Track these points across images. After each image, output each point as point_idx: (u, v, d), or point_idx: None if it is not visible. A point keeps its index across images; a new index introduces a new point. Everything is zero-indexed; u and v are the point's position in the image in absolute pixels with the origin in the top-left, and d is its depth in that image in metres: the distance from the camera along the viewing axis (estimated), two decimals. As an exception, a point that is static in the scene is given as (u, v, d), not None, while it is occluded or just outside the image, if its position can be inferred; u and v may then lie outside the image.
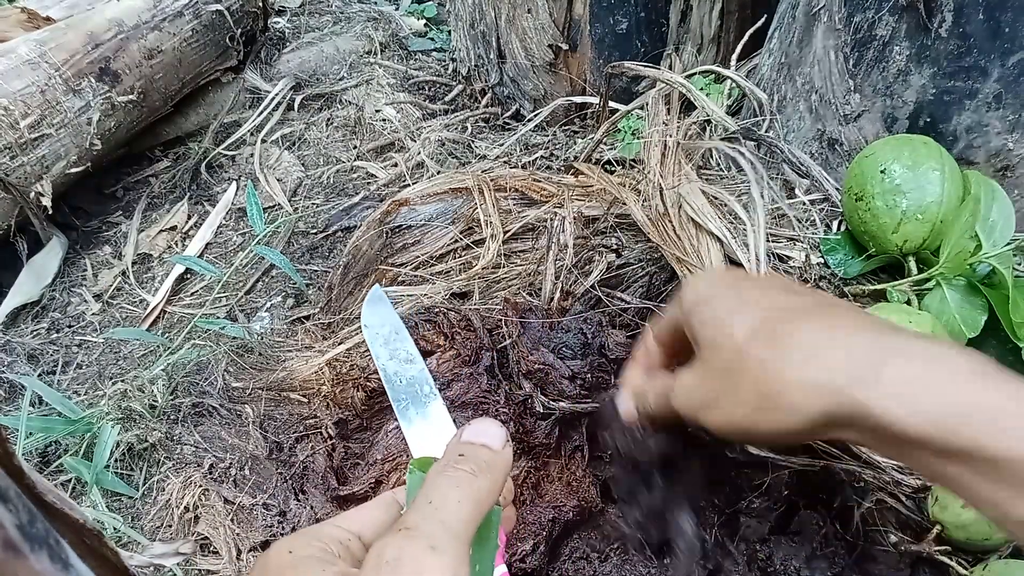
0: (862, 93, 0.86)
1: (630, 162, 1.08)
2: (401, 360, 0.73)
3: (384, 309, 0.80)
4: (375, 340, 0.76)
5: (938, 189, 0.75)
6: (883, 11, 0.80)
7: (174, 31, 1.39)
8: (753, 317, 0.47)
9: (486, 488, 0.36)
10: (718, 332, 0.48)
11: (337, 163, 1.37)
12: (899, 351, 0.40)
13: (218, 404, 0.89)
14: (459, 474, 0.36)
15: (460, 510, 0.34)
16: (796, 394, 0.42)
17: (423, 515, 0.34)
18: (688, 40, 1.23)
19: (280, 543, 0.36)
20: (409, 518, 0.34)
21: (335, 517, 0.40)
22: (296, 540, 0.36)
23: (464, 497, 0.35)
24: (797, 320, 0.45)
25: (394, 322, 0.78)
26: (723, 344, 0.47)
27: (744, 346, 0.46)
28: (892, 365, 0.39)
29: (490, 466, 0.38)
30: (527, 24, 1.26)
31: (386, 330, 0.76)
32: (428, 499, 0.35)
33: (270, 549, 0.36)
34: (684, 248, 0.80)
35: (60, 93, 1.19)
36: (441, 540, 0.32)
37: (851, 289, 0.81)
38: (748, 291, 0.51)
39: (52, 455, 0.92)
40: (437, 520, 0.33)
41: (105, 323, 1.17)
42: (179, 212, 1.35)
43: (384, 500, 0.42)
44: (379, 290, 0.84)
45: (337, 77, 1.56)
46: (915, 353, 0.40)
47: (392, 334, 0.76)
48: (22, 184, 1.14)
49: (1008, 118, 0.78)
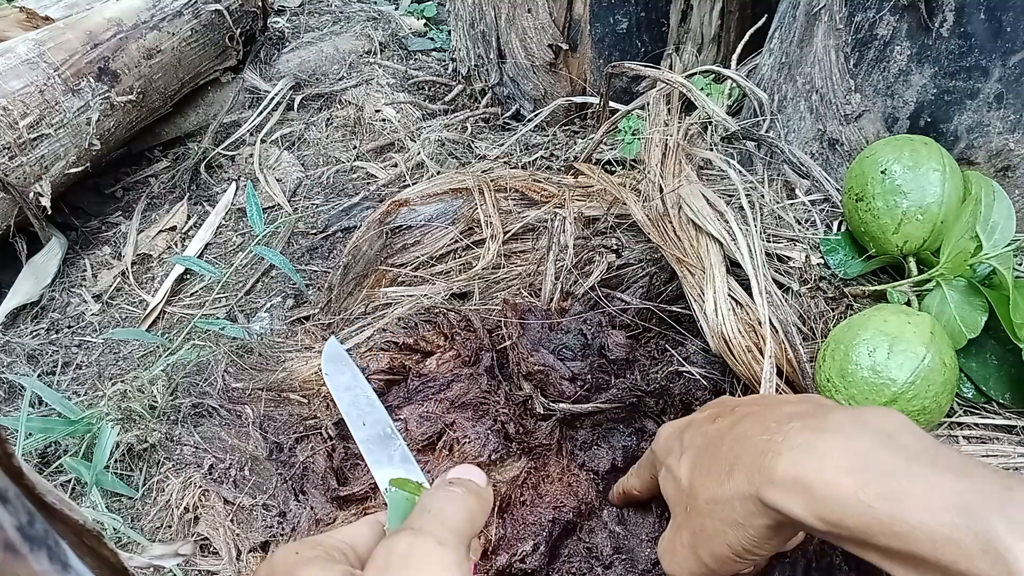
0: (863, 93, 0.86)
1: (630, 162, 1.08)
2: (362, 405, 0.75)
3: (343, 364, 0.81)
4: (336, 388, 0.78)
5: (938, 189, 0.75)
6: (884, 11, 0.80)
7: (173, 31, 1.39)
8: (688, 457, 0.52)
9: (477, 508, 0.39)
10: (667, 481, 0.55)
11: (337, 163, 1.37)
12: (792, 457, 0.42)
13: (218, 405, 0.89)
14: (453, 493, 0.39)
15: (458, 519, 0.37)
16: (736, 504, 0.45)
17: (425, 519, 0.37)
18: (688, 40, 1.22)
19: (285, 547, 0.38)
20: (412, 522, 0.36)
21: (327, 532, 0.42)
22: (300, 544, 0.38)
23: (460, 510, 0.38)
24: (716, 446, 0.50)
25: (353, 372, 0.79)
26: (675, 489, 0.53)
27: (687, 483, 0.50)
28: (784, 461, 0.42)
29: (479, 493, 0.41)
30: (527, 24, 1.26)
31: (345, 378, 0.78)
32: (427, 509, 0.38)
33: (276, 552, 0.38)
34: (684, 249, 0.80)
35: (59, 93, 1.19)
36: (447, 537, 0.34)
37: (851, 290, 0.81)
38: (687, 433, 0.55)
39: (52, 456, 0.92)
40: (439, 522, 0.36)
41: (105, 323, 1.17)
42: (179, 212, 1.35)
43: (369, 521, 0.44)
44: (335, 344, 0.84)
45: (337, 77, 1.56)
46: (798, 457, 0.42)
47: (352, 381, 0.78)
48: (21, 184, 1.14)
49: (1009, 118, 0.78)
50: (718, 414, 0.55)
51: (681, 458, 0.53)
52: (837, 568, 0.64)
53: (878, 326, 0.68)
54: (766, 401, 0.56)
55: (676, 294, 0.86)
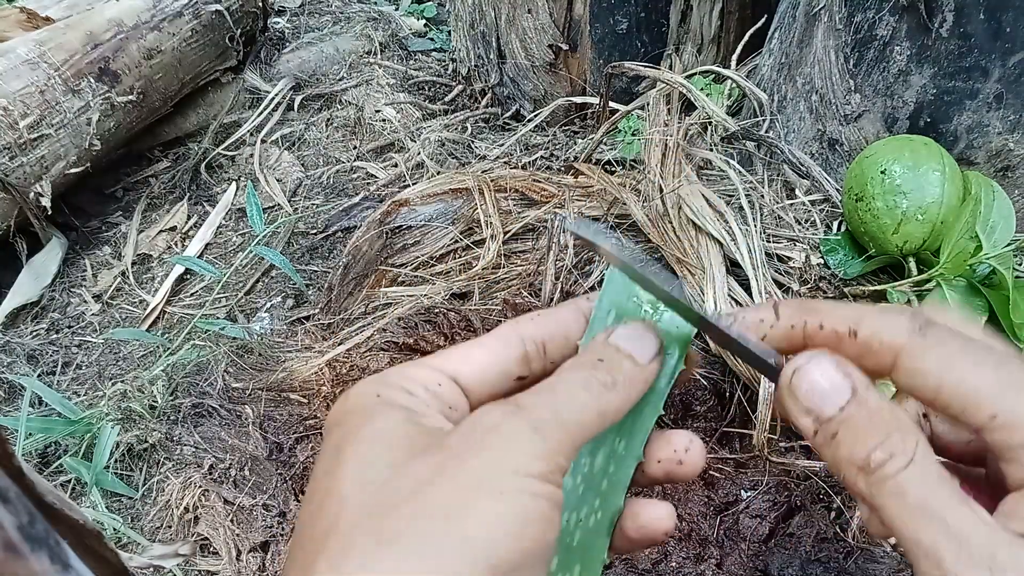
0: (862, 93, 0.86)
1: (630, 162, 1.08)
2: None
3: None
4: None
5: (938, 190, 0.75)
6: (883, 11, 0.80)
7: (174, 31, 1.39)
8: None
9: (616, 404, 0.31)
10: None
11: (337, 163, 1.37)
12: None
13: (218, 405, 0.89)
14: (593, 380, 0.31)
15: (581, 413, 0.29)
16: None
17: (540, 398, 0.29)
18: (688, 40, 1.23)
19: (366, 383, 0.31)
20: (523, 397, 0.29)
21: (433, 355, 0.33)
22: (382, 382, 0.31)
23: (589, 404, 0.30)
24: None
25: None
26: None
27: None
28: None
29: (628, 382, 0.32)
30: (527, 24, 1.26)
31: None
32: (552, 387, 0.30)
33: (357, 386, 0.31)
34: (684, 249, 0.80)
35: (59, 93, 1.19)
36: (548, 426, 0.28)
37: (851, 290, 0.81)
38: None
39: (52, 456, 0.92)
40: (552, 408, 0.29)
41: (105, 323, 1.17)
42: (179, 212, 1.35)
43: (503, 336, 0.33)
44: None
45: (337, 77, 1.56)
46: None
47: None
48: (22, 184, 1.14)
49: (1009, 118, 0.78)
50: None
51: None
52: (835, 560, 0.65)
53: (878, 326, 0.68)
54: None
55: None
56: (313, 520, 0.28)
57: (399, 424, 0.29)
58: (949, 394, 0.29)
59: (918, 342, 0.30)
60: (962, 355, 0.29)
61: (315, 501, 0.29)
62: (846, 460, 0.29)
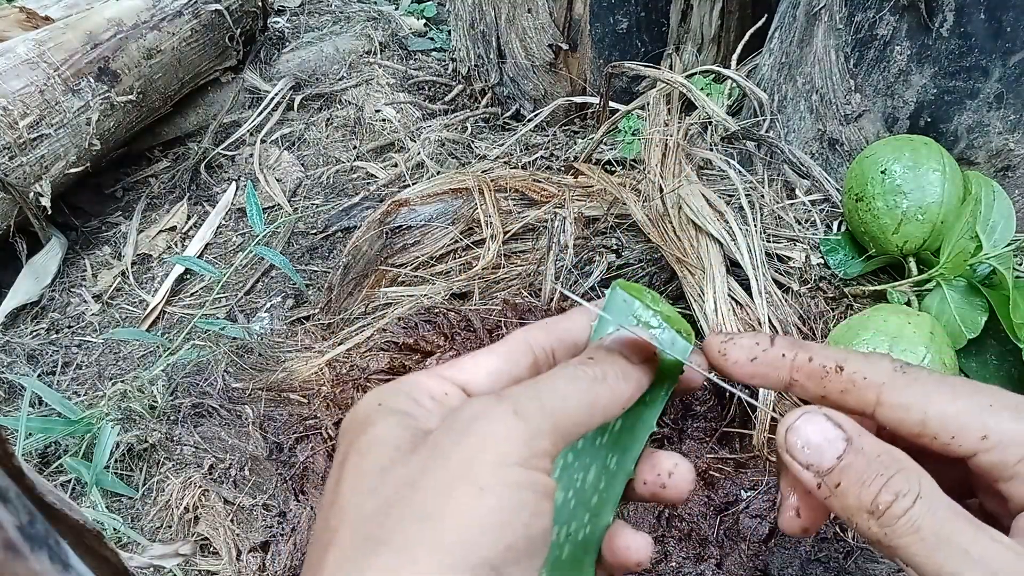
0: (863, 93, 0.86)
1: (630, 162, 1.08)
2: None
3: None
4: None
5: (938, 190, 0.75)
6: (884, 11, 0.80)
7: (173, 31, 1.39)
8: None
9: (606, 399, 0.30)
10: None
11: (337, 163, 1.37)
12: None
13: (218, 405, 0.89)
14: (581, 374, 0.30)
15: (565, 400, 0.29)
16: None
17: (523, 387, 0.29)
18: (688, 40, 1.22)
19: (373, 394, 0.31)
20: (507, 388, 0.29)
21: (444, 365, 0.33)
22: (387, 391, 0.31)
23: (577, 396, 0.30)
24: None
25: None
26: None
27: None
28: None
29: (619, 376, 0.31)
30: (527, 24, 1.26)
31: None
32: (537, 379, 0.30)
33: (365, 396, 0.31)
34: (684, 249, 0.80)
35: (59, 93, 1.19)
36: (529, 410, 0.28)
37: (851, 290, 0.81)
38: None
39: (52, 456, 0.92)
40: (534, 393, 0.29)
41: (105, 323, 1.17)
42: (179, 212, 1.35)
43: (514, 343, 0.33)
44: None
45: (337, 77, 1.56)
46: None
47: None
48: (21, 184, 1.14)
49: (1009, 118, 0.78)
50: None
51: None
52: (834, 561, 0.65)
53: (878, 326, 0.68)
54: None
55: (676, 294, 0.86)
56: (320, 534, 0.29)
57: (393, 428, 0.29)
58: (936, 424, 0.30)
59: (900, 378, 0.31)
60: (941, 385, 0.30)
61: (322, 515, 0.29)
62: (855, 508, 0.29)
